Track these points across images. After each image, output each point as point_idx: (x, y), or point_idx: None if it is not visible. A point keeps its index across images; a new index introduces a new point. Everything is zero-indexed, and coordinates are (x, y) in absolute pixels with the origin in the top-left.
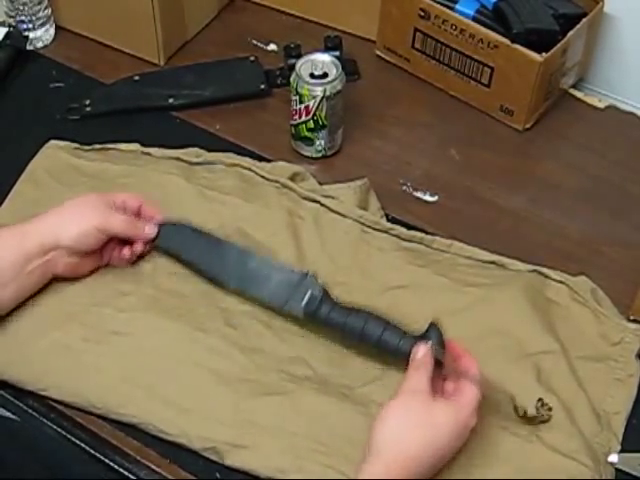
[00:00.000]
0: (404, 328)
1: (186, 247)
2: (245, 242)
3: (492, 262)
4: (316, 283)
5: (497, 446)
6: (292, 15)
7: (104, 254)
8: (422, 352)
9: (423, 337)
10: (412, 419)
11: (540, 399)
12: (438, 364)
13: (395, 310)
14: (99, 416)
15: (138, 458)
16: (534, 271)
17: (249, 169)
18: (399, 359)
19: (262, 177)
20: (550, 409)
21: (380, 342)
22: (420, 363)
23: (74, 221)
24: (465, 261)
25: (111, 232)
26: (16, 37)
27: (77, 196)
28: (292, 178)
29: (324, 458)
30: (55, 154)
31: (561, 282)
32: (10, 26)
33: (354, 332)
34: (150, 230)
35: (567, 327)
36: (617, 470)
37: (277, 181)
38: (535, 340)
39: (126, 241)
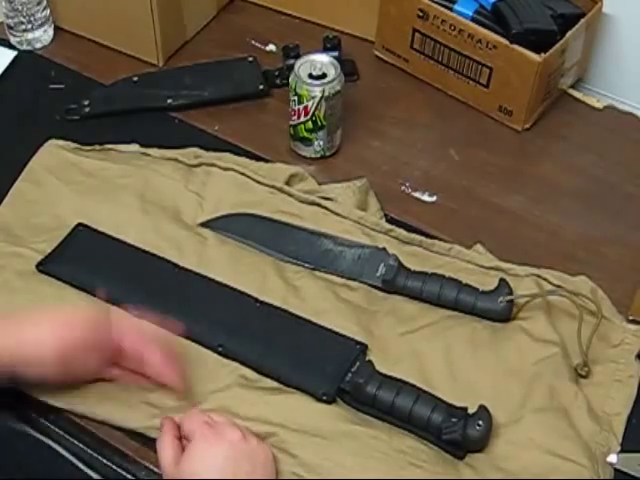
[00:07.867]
0: (478, 287)
1: (256, 234)
2: None
3: (491, 268)
4: (389, 254)
5: (492, 451)
6: (291, 15)
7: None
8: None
9: (494, 292)
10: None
11: (578, 364)
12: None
13: (394, 312)
14: None
15: (137, 458)
16: (533, 275)
17: (243, 174)
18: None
19: (256, 181)
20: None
21: (457, 302)
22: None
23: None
24: (466, 265)
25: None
26: None
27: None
28: (290, 179)
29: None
30: (55, 152)
31: (560, 286)
32: None
33: (432, 295)
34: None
35: (567, 330)
36: (616, 470)
37: (273, 186)
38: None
39: None
